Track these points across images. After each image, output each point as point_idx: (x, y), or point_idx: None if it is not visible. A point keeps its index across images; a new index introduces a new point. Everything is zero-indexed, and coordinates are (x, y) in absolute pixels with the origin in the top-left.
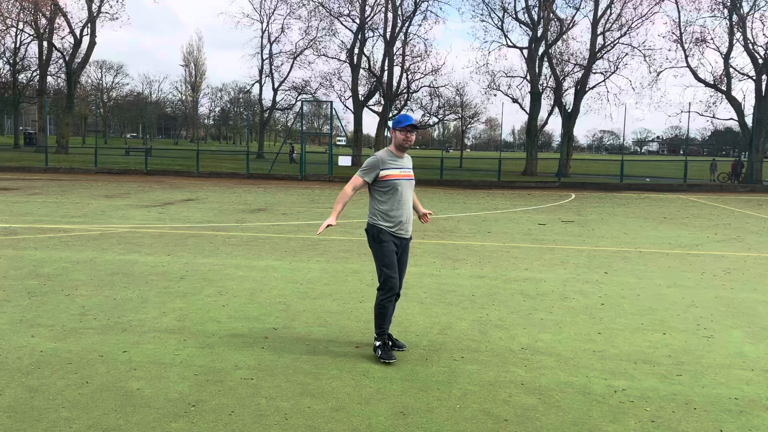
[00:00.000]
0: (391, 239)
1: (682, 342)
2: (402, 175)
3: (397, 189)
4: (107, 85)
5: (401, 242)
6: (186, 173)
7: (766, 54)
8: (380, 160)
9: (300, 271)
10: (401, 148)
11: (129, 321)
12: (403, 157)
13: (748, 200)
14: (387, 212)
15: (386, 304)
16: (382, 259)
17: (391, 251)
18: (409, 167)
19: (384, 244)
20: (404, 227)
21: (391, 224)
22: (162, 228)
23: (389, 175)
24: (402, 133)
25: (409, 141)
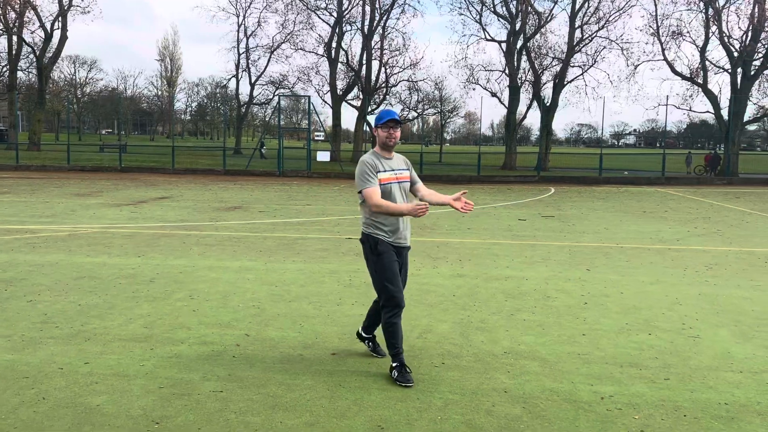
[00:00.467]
0: (391, 250)
1: (668, 343)
2: (394, 178)
3: (390, 194)
4: (81, 80)
5: (401, 252)
6: (161, 170)
7: (741, 47)
8: (372, 163)
9: (275, 271)
10: (386, 147)
11: (93, 329)
12: (391, 158)
13: (726, 193)
14: (382, 220)
15: (394, 321)
16: (383, 273)
17: (392, 262)
18: (401, 168)
19: (384, 256)
20: (402, 235)
21: (388, 233)
22: (134, 228)
23: (382, 178)
24: (384, 130)
25: (393, 138)
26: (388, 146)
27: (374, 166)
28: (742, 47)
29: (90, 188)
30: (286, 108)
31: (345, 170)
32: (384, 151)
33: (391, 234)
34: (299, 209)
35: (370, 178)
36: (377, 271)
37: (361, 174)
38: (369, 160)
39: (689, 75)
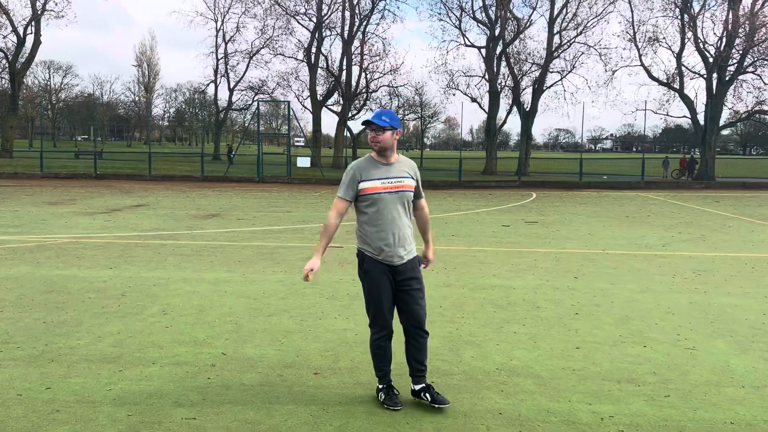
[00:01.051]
0: (379, 268)
1: (665, 356)
2: (385, 187)
3: (378, 205)
4: (55, 85)
5: (397, 270)
6: (138, 177)
7: (716, 53)
8: (358, 169)
9: (254, 283)
10: (379, 152)
11: (58, 349)
12: (390, 164)
13: (705, 197)
14: (369, 235)
15: (382, 344)
16: (368, 294)
17: (378, 284)
18: (398, 176)
19: (369, 275)
20: (393, 251)
21: (375, 249)
22: (107, 237)
23: (368, 188)
24: (369, 133)
25: (377, 141)
26: (380, 151)
27: (358, 174)
28: (717, 53)
29: (63, 196)
30: (265, 113)
31: (326, 176)
32: (380, 157)
33: (378, 251)
34: (279, 216)
35: (344, 187)
36: (364, 290)
37: (343, 178)
38: (355, 166)
39: (666, 80)
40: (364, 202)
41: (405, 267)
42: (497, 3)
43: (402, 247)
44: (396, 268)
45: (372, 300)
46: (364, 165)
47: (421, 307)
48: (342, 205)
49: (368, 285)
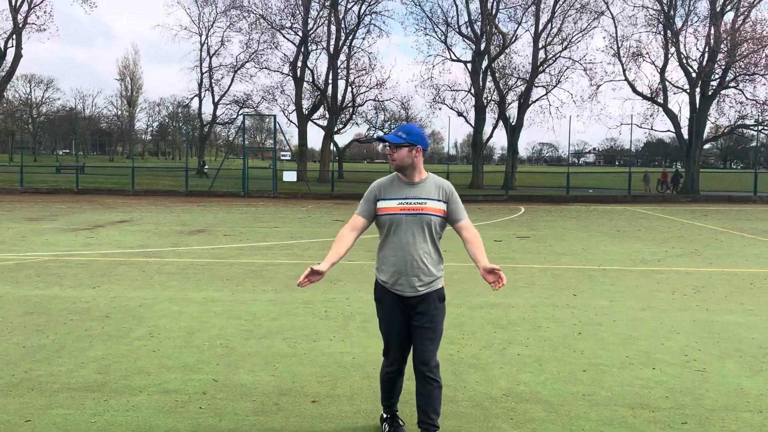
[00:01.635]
0: (391, 298)
1: (675, 378)
2: (402, 208)
3: (392, 227)
4: (37, 99)
5: (409, 303)
6: (120, 192)
7: (698, 68)
8: (379, 186)
9: (244, 303)
10: (398, 170)
11: (38, 376)
12: (413, 183)
13: (692, 211)
14: (382, 260)
15: (389, 377)
16: (380, 324)
17: (388, 316)
18: (420, 197)
19: (380, 305)
20: (404, 281)
21: (386, 277)
22: (89, 255)
23: (384, 208)
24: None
25: (393, 159)
26: (399, 168)
27: (378, 191)
28: (699, 68)
29: (43, 212)
30: (250, 127)
31: (312, 190)
32: (403, 175)
33: (389, 278)
34: (266, 232)
35: (364, 204)
36: (378, 320)
37: (364, 194)
38: (377, 183)
39: (650, 95)
40: (379, 224)
41: (418, 301)
42: (483, 18)
43: (416, 277)
44: (408, 300)
45: (382, 332)
46: (386, 183)
47: (428, 349)
48: (356, 220)
49: (379, 315)
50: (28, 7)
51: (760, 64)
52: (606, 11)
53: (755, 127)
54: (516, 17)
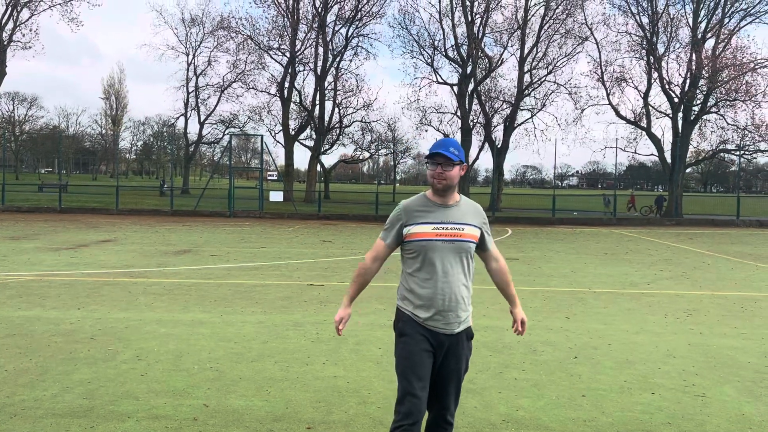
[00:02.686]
0: (420, 333)
1: (675, 403)
2: (438, 233)
3: (427, 255)
4: (20, 117)
5: (440, 341)
6: (104, 211)
7: (681, 93)
8: (406, 210)
9: (233, 325)
10: (442, 191)
11: (21, 401)
12: (448, 206)
13: (678, 234)
14: (413, 290)
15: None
16: (399, 362)
17: (414, 352)
18: (457, 222)
19: (405, 339)
20: (443, 316)
21: (419, 308)
22: (73, 275)
23: (416, 233)
24: (432, 167)
25: (443, 179)
26: (435, 189)
27: (404, 215)
28: (682, 93)
29: (26, 231)
30: (235, 147)
31: (298, 210)
32: (435, 195)
33: (424, 310)
34: (254, 252)
35: (390, 229)
36: (396, 356)
37: (389, 218)
38: (404, 206)
39: (633, 119)
40: (409, 251)
41: (449, 340)
42: (469, 42)
43: (453, 312)
44: (439, 337)
45: (402, 369)
46: (415, 205)
47: (453, 394)
48: (381, 247)
49: (402, 350)
50: (14, 24)
51: (740, 90)
52: (590, 37)
53: (736, 152)
54: (502, 41)
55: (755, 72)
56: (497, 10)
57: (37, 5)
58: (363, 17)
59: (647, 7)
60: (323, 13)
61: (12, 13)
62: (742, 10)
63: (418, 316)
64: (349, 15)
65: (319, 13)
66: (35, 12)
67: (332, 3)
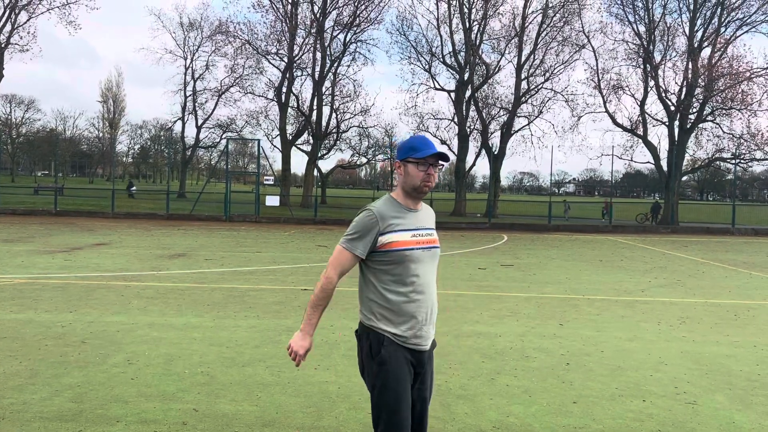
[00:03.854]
0: (402, 356)
1: (666, 411)
2: (418, 241)
3: (410, 265)
4: (17, 120)
5: (419, 359)
6: (100, 214)
7: (677, 102)
8: (380, 216)
9: (225, 329)
10: (415, 194)
11: (9, 404)
12: (418, 209)
13: (673, 242)
14: (393, 306)
15: None
16: (382, 395)
17: (398, 382)
18: (428, 228)
19: (388, 367)
20: (425, 332)
21: (400, 328)
22: (67, 278)
23: (395, 242)
24: (421, 168)
25: (429, 183)
26: (421, 192)
27: (381, 222)
28: (678, 102)
29: (20, 233)
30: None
31: (295, 215)
32: (408, 199)
33: (408, 328)
34: (249, 257)
35: (361, 237)
36: (376, 388)
37: (353, 225)
38: (377, 212)
39: (630, 127)
40: (386, 262)
41: (428, 355)
42: (467, 49)
43: (432, 324)
44: (420, 355)
45: (387, 402)
46: (389, 210)
47: (427, 410)
48: (349, 260)
49: (385, 380)
50: (12, 27)
51: (736, 99)
52: (587, 44)
53: (732, 160)
54: (499, 48)
55: (751, 81)
56: (495, 17)
57: (35, 8)
58: (361, 23)
59: (644, 16)
60: (321, 18)
61: (10, 15)
62: (738, 19)
63: (401, 336)
64: (347, 21)
65: (318, 18)
66: (33, 15)
67: (330, 9)
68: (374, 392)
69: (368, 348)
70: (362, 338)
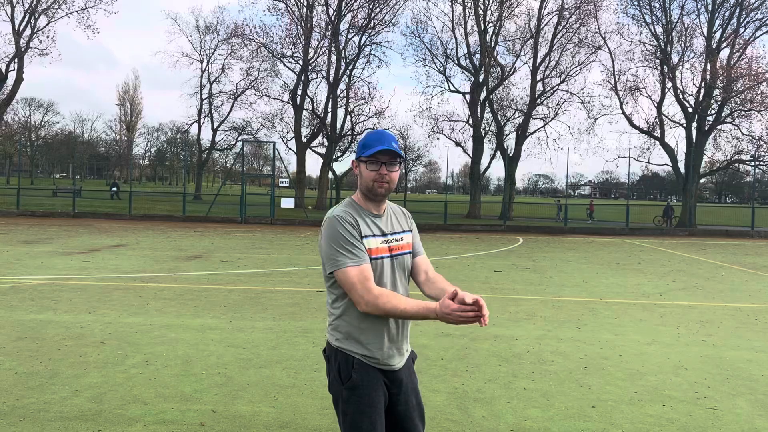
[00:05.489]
0: (375, 380)
1: (687, 416)
2: (388, 249)
3: (379, 277)
4: (36, 123)
5: (394, 378)
6: (117, 216)
7: (695, 103)
8: (355, 221)
9: (242, 331)
10: (373, 196)
11: (30, 404)
12: (381, 214)
13: (691, 244)
14: (362, 324)
15: None
16: (356, 422)
17: (372, 407)
18: (396, 231)
19: (358, 393)
20: (397, 348)
21: (372, 348)
22: (85, 279)
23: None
24: (372, 167)
25: (384, 184)
26: (377, 195)
27: (357, 226)
28: (696, 103)
29: (39, 235)
30: (247, 154)
31: (309, 217)
32: (369, 202)
33: (377, 347)
34: (264, 259)
35: (352, 248)
36: (349, 416)
37: (333, 240)
38: (348, 215)
39: (647, 128)
40: None
41: (403, 372)
42: (482, 50)
43: (406, 339)
44: (394, 374)
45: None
46: (357, 215)
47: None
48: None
49: (356, 408)
50: (31, 31)
51: (755, 101)
52: (603, 46)
53: (751, 162)
54: (515, 50)
55: None
56: (510, 18)
57: (54, 12)
58: (376, 26)
59: (661, 17)
60: (336, 21)
61: (30, 20)
62: (758, 20)
63: (372, 357)
64: (362, 23)
65: (333, 21)
66: (52, 19)
67: (345, 11)
68: (347, 419)
69: (337, 371)
70: (330, 360)
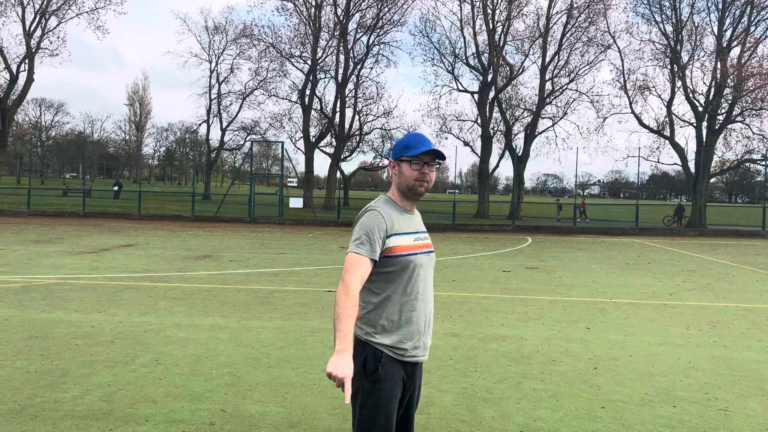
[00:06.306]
0: (398, 375)
1: (698, 417)
2: (419, 246)
3: (413, 272)
4: (46, 123)
5: (410, 373)
6: (127, 216)
7: (705, 102)
8: (387, 216)
9: (251, 330)
10: (412, 195)
11: (42, 403)
12: (413, 213)
13: (701, 244)
14: (394, 317)
15: None
16: (374, 415)
17: (391, 399)
18: (425, 231)
19: (382, 385)
20: (422, 342)
21: (401, 340)
22: (95, 278)
23: (399, 246)
24: (415, 166)
25: (426, 183)
26: (416, 193)
27: (388, 222)
28: (706, 102)
29: (50, 234)
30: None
31: (318, 217)
32: (405, 200)
33: (407, 340)
34: (273, 258)
35: (373, 243)
36: (367, 408)
37: (367, 227)
38: (385, 212)
39: (656, 128)
40: (389, 267)
41: (419, 367)
42: (490, 50)
43: (430, 334)
44: (414, 368)
45: (378, 429)
46: (393, 211)
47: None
48: (368, 267)
49: (376, 402)
50: (42, 32)
51: (766, 100)
52: (612, 45)
53: (762, 161)
54: (523, 49)
55: None
56: (519, 18)
57: (64, 13)
58: (384, 25)
59: (671, 16)
60: (345, 21)
61: (40, 21)
62: None
63: (400, 349)
64: (370, 23)
65: (341, 21)
66: (63, 20)
67: (354, 11)
68: (364, 411)
69: (362, 364)
70: (355, 353)
